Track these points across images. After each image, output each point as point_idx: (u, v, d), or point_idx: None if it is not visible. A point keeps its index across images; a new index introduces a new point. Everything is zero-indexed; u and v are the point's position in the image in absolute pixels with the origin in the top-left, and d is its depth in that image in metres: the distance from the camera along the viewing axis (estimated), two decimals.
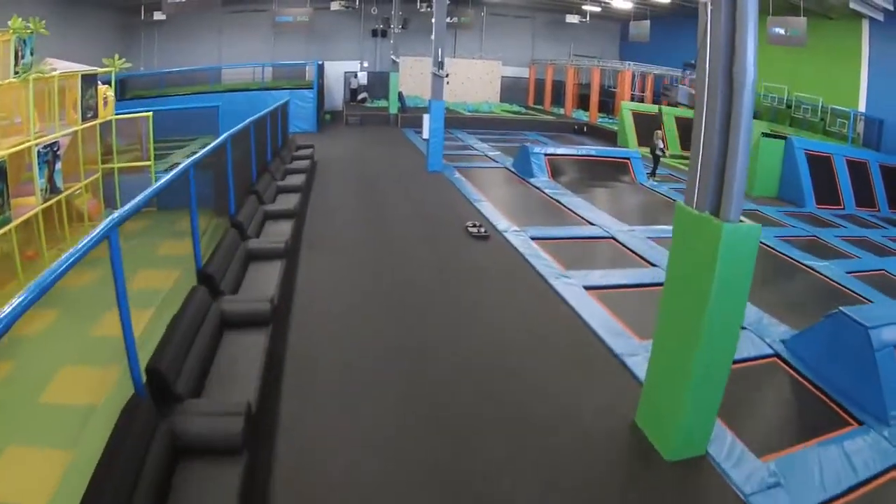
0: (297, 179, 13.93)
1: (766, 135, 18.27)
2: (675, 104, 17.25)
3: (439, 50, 17.06)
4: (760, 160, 18.06)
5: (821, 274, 11.07)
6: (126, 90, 26.35)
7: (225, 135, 9.32)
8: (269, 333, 6.35)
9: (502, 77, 36.11)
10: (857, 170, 18.72)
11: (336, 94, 34.02)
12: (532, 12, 35.88)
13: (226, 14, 31.25)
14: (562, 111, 33.89)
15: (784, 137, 18.37)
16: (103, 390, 4.80)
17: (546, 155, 16.94)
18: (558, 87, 35.13)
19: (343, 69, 34.10)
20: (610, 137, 26.72)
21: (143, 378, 4.22)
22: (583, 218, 13.09)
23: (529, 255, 10.41)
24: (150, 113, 14.58)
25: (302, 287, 8.72)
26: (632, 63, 28.38)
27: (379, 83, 33.22)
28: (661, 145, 18.40)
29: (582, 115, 32.56)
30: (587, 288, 9.23)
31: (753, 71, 4.71)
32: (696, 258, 5.23)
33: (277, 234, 9.79)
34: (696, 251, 5.21)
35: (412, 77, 34.23)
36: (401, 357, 6.93)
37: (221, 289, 7.00)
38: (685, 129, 25.47)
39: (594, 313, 8.37)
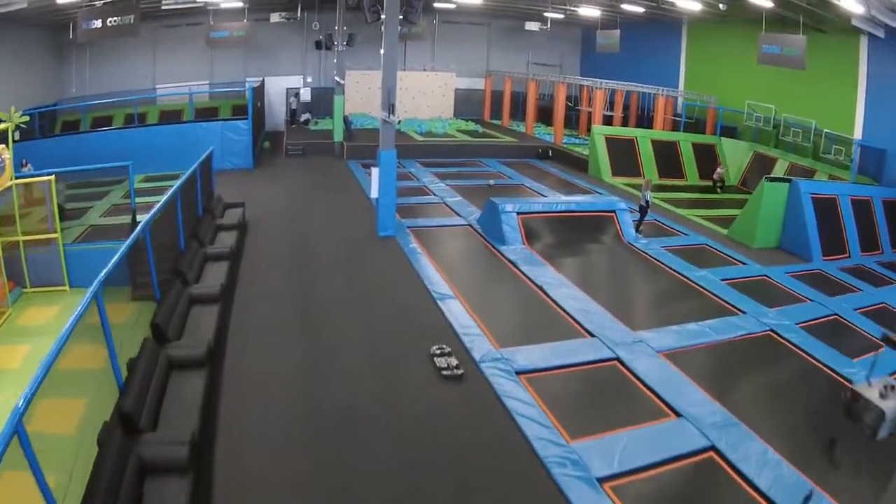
0: (217, 272, 11.05)
1: (770, 179, 16.00)
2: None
3: (388, 90, 14.24)
4: (763, 207, 15.86)
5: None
6: (56, 120, 24.50)
7: (98, 280, 6.46)
8: None
9: (456, 89, 33.40)
10: (861, 209, 16.84)
11: (278, 112, 31.00)
12: (487, 19, 33.19)
13: (160, 28, 28.57)
14: (521, 126, 31.39)
15: (789, 180, 16.15)
16: None
17: (519, 214, 14.28)
18: (516, 98, 32.66)
19: (286, 85, 31.05)
20: (580, 165, 24.29)
21: None
22: (575, 321, 10.50)
23: (519, 415, 7.76)
24: (53, 177, 12.20)
25: None
26: (604, 81, 25.76)
27: (324, 99, 30.19)
28: (649, 197, 15.96)
29: (544, 132, 30.12)
30: (602, 480, 6.71)
31: None
32: None
33: (182, 410, 6.93)
34: None
35: (359, 93, 31.35)
36: None
37: None
38: (664, 154, 23.25)
39: None
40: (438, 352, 9.08)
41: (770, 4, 18.62)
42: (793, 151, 22.14)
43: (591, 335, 10.02)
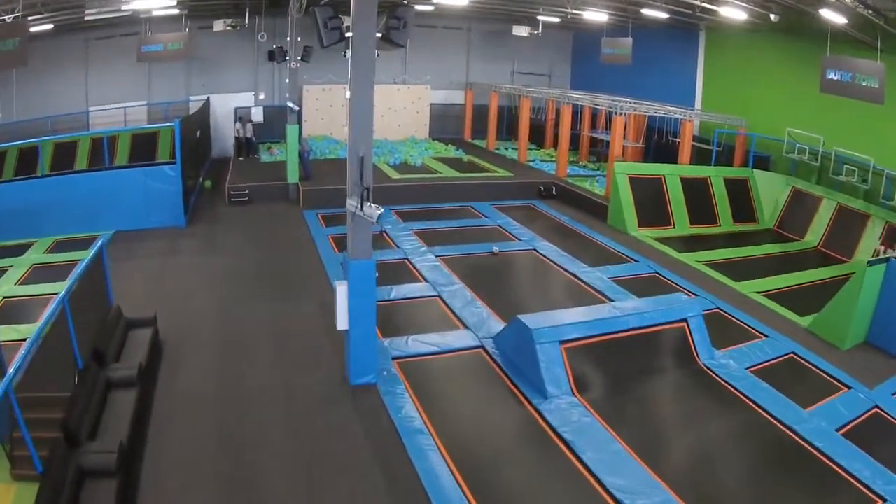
0: None
1: (871, 262, 12.12)
2: None
3: (360, 161, 9.73)
4: (862, 298, 12.01)
5: None
6: None
7: None
8: None
9: (432, 104, 29.04)
10: None
11: (227, 136, 26.32)
12: (468, 23, 28.75)
13: (91, 41, 24.03)
14: (510, 148, 27.20)
15: (886, 261, 12.34)
16: None
17: (562, 343, 9.97)
18: (500, 111, 28.47)
19: (235, 103, 26.42)
20: (592, 208, 20.23)
21: None
22: None
23: None
24: None
25: None
26: (620, 100, 21.36)
27: (279, 119, 25.42)
28: None
29: (538, 158, 26.07)
30: None
31: None
32: None
33: None
34: None
35: (319, 111, 26.86)
36: None
37: None
38: (694, 195, 19.37)
39: None
40: None
41: (843, 20, 14.65)
42: (839, 190, 18.46)
43: None
